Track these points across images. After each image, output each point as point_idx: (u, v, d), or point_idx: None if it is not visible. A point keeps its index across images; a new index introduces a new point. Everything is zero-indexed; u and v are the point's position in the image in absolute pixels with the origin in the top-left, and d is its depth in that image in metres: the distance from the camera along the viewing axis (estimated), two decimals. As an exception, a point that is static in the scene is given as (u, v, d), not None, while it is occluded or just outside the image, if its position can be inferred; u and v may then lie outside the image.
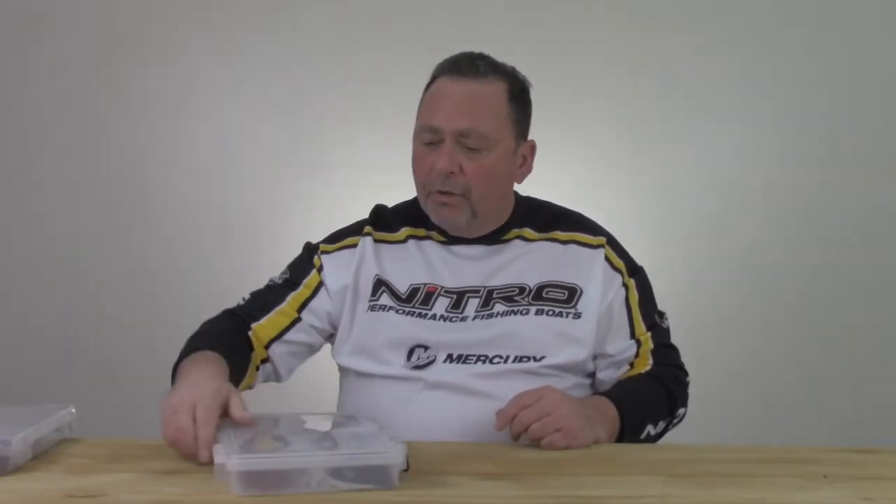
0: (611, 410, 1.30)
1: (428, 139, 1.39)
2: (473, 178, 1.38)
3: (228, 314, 1.47)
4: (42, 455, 1.15)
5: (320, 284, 1.47)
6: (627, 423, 1.31)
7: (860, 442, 1.26)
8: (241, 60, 2.65)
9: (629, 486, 1.05)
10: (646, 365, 1.43)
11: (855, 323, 2.60)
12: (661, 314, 1.50)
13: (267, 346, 1.43)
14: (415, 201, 1.52)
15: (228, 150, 2.68)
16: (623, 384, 1.41)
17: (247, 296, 1.49)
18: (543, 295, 1.41)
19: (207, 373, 1.22)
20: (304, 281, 1.47)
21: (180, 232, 2.67)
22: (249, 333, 1.43)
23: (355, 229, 1.52)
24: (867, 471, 1.14)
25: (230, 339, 1.38)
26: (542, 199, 1.55)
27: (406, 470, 1.03)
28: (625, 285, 1.46)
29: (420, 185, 1.43)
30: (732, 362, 2.57)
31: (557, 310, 1.40)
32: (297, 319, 1.45)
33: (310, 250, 1.52)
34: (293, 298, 1.46)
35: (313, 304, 1.46)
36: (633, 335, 1.44)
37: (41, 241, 2.67)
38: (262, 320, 1.44)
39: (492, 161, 1.39)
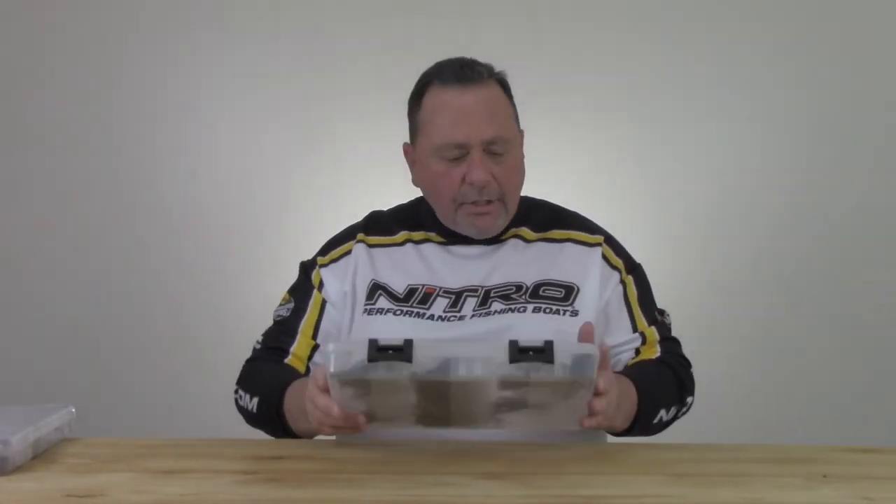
0: (633, 396, 1.29)
1: (453, 155, 1.38)
2: (504, 181, 1.39)
3: (256, 361, 1.46)
4: (42, 455, 1.15)
5: (324, 302, 1.46)
6: (643, 408, 1.30)
7: (860, 442, 1.25)
8: (242, 63, 2.66)
9: (629, 486, 1.05)
10: (654, 354, 1.43)
11: (855, 322, 2.60)
12: (662, 312, 1.50)
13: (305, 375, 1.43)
14: (413, 205, 1.52)
15: (231, 151, 2.68)
16: (639, 368, 1.40)
17: (260, 338, 1.48)
18: (540, 293, 1.41)
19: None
20: (310, 303, 1.47)
21: (182, 233, 2.67)
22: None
23: (348, 235, 1.52)
24: (867, 470, 1.14)
25: (288, 371, 1.39)
26: (539, 198, 1.55)
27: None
28: (622, 282, 1.46)
29: (448, 200, 1.41)
30: (732, 362, 2.57)
31: (555, 308, 1.40)
32: (316, 346, 1.44)
33: (306, 269, 1.51)
34: (305, 326, 1.45)
35: (324, 325, 1.45)
36: (634, 330, 1.44)
37: (42, 241, 2.68)
38: (288, 358, 1.44)
39: (514, 161, 1.41)
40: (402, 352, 1.02)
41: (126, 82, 2.66)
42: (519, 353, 1.03)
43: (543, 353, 1.02)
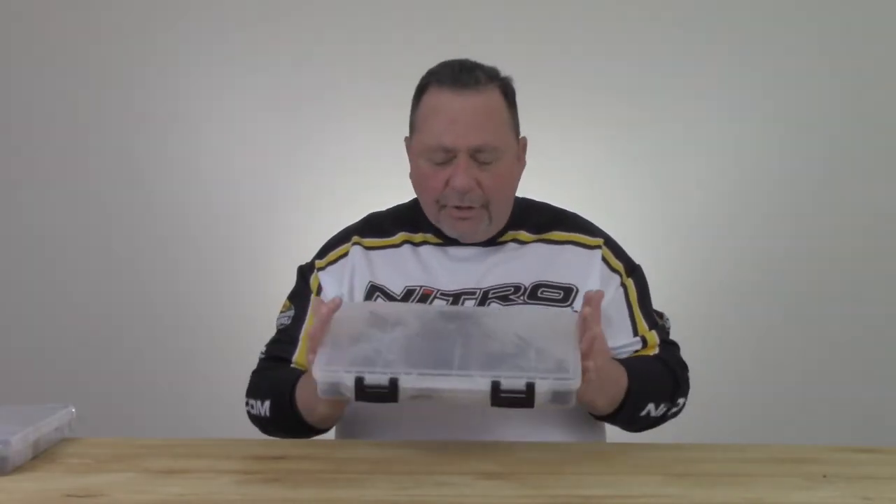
0: (623, 382, 1.30)
1: (440, 159, 1.38)
2: (490, 189, 1.39)
3: (261, 371, 1.46)
4: (42, 455, 1.15)
5: None
6: (632, 397, 1.30)
7: (860, 442, 1.26)
8: (240, 61, 2.65)
9: (629, 485, 1.05)
10: (652, 352, 1.43)
11: (855, 323, 2.60)
12: (661, 314, 1.50)
13: None
14: (412, 205, 1.51)
15: (227, 151, 2.68)
16: (636, 358, 1.40)
17: (264, 349, 1.48)
18: (539, 295, 1.41)
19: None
20: (308, 309, 1.46)
21: (180, 233, 2.67)
22: None
23: (344, 238, 1.52)
24: (867, 470, 1.14)
25: (294, 372, 1.39)
26: (538, 200, 1.55)
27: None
28: (623, 285, 1.46)
29: (432, 201, 1.42)
30: (732, 362, 2.57)
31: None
32: None
33: (304, 274, 1.51)
34: (305, 333, 1.44)
35: None
36: (636, 333, 1.44)
37: (42, 242, 2.67)
38: (291, 366, 1.44)
39: (503, 169, 1.40)
40: (388, 392, 1.08)
41: (119, 80, 2.66)
42: (501, 395, 1.08)
43: (524, 397, 1.07)
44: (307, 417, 1.31)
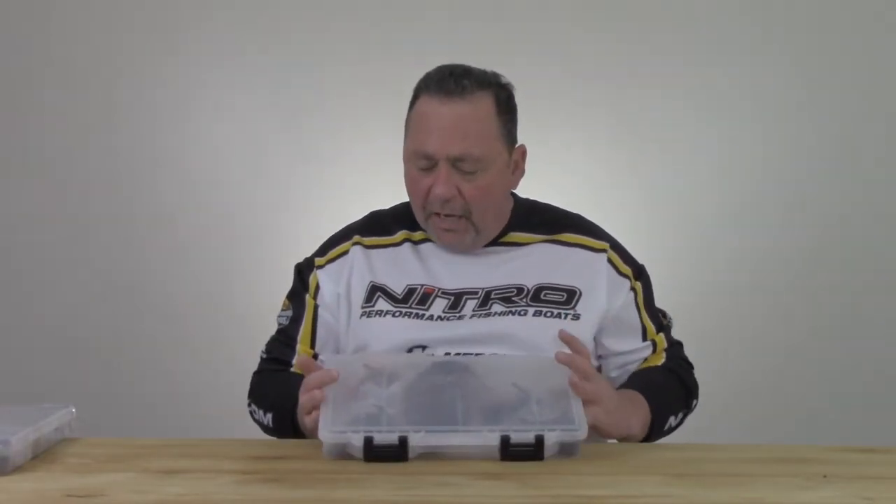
0: (643, 403, 1.31)
1: (423, 165, 1.38)
2: (472, 199, 1.38)
3: (263, 373, 1.47)
4: (42, 455, 1.15)
5: (317, 308, 1.46)
6: (657, 415, 1.32)
7: (860, 442, 1.25)
8: (241, 62, 2.65)
9: (629, 486, 1.05)
10: (659, 360, 1.44)
11: (855, 323, 2.60)
12: (664, 313, 1.50)
13: None
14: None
15: (227, 151, 2.68)
16: (644, 376, 1.41)
17: (264, 349, 1.49)
18: (542, 297, 1.41)
19: None
20: (305, 313, 1.47)
21: (181, 233, 2.67)
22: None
23: (344, 236, 1.52)
24: (867, 470, 1.14)
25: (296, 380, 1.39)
26: (543, 202, 1.55)
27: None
28: (633, 289, 1.46)
29: (419, 207, 1.42)
30: (732, 362, 2.57)
31: (556, 311, 1.40)
32: (315, 356, 1.44)
33: (301, 272, 1.51)
34: (303, 335, 1.45)
35: (320, 333, 1.46)
36: (645, 337, 1.45)
37: (42, 241, 2.67)
38: (291, 369, 1.44)
39: (488, 179, 1.39)
40: (397, 451, 1.09)
41: (124, 82, 2.66)
42: (510, 449, 1.10)
43: (533, 450, 1.10)
44: (308, 434, 1.31)
